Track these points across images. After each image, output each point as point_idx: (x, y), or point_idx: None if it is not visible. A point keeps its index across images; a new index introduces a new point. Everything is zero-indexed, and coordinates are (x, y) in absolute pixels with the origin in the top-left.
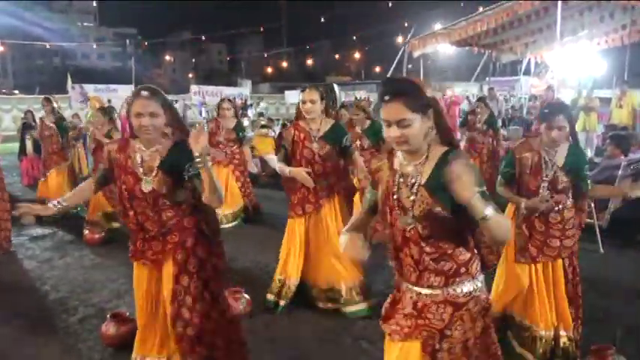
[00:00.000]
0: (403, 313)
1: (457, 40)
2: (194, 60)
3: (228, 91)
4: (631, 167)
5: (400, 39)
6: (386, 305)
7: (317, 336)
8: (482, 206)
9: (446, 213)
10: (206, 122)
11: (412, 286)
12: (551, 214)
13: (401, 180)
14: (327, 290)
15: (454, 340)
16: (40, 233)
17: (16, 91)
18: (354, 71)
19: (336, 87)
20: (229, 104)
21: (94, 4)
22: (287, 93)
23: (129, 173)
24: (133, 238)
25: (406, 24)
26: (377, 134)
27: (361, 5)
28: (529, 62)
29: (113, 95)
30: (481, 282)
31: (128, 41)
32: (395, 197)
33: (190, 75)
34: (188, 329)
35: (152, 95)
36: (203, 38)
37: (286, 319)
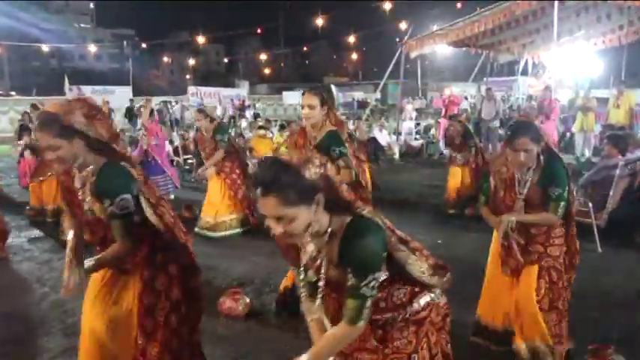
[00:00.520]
0: (366, 348)
1: (455, 41)
2: (192, 61)
3: (225, 92)
4: (628, 167)
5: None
6: None
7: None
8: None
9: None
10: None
11: None
12: (531, 229)
13: (308, 259)
14: None
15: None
16: (39, 235)
17: (13, 93)
18: (352, 72)
19: (334, 88)
20: (200, 114)
21: (91, 6)
22: (285, 94)
23: (75, 194)
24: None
25: (404, 25)
26: None
27: (359, 6)
28: (526, 62)
29: (110, 97)
30: (437, 292)
31: (126, 42)
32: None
33: (188, 76)
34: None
35: (42, 128)
36: (201, 39)
37: (283, 320)
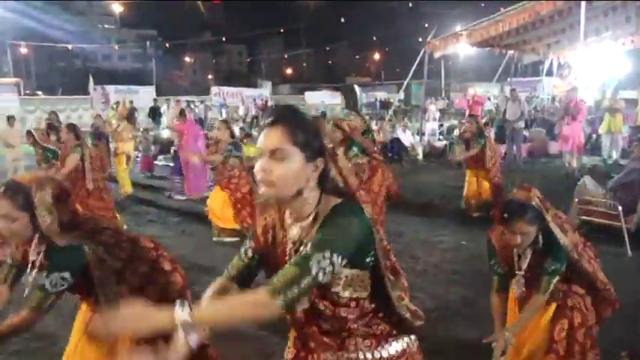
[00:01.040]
0: None
1: (479, 41)
2: (214, 61)
3: (248, 92)
4: None
5: (420, 39)
6: None
7: None
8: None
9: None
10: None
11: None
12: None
13: (291, 246)
14: None
15: None
16: None
17: (39, 92)
18: (374, 72)
19: (357, 88)
20: (223, 125)
21: (116, 6)
22: (307, 94)
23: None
24: None
25: (426, 24)
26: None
27: (381, 6)
28: (551, 63)
29: (134, 96)
30: (412, 338)
31: (149, 43)
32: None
33: (210, 76)
34: None
35: (6, 195)
36: (223, 39)
37: None
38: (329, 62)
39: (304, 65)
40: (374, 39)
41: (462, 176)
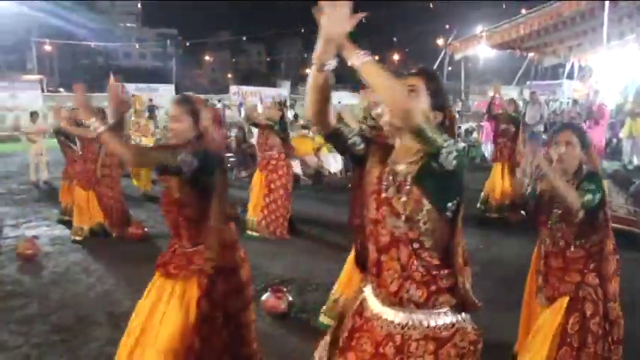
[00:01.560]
0: (373, 353)
1: (499, 43)
2: (233, 60)
3: (267, 92)
4: None
5: (441, 41)
6: (340, 334)
7: None
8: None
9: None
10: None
11: (385, 309)
12: (568, 251)
13: (390, 178)
14: None
15: None
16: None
17: (62, 89)
18: (393, 72)
19: None
20: (274, 104)
21: (138, 5)
22: None
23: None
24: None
25: (447, 26)
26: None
27: (401, 6)
28: (572, 66)
29: (154, 94)
30: (465, 316)
31: (169, 42)
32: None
33: (229, 75)
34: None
35: (180, 102)
36: (243, 39)
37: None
38: (348, 62)
39: None
40: (394, 40)
41: (480, 179)
